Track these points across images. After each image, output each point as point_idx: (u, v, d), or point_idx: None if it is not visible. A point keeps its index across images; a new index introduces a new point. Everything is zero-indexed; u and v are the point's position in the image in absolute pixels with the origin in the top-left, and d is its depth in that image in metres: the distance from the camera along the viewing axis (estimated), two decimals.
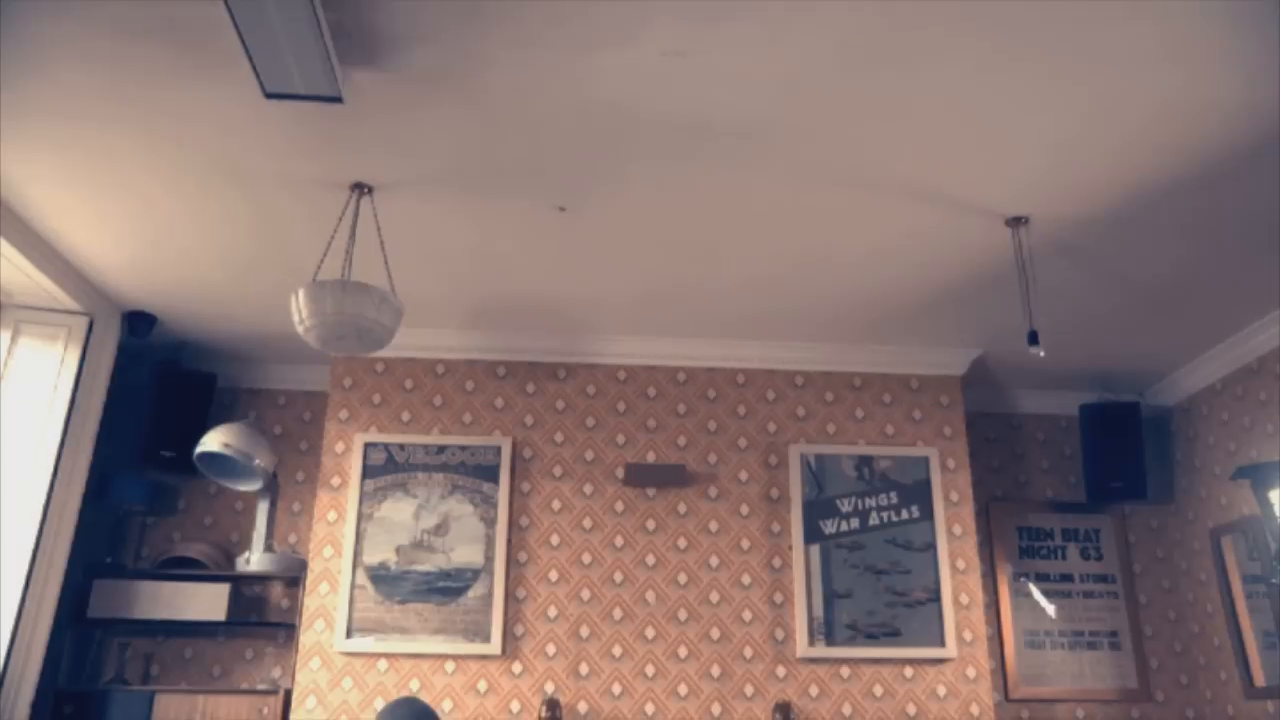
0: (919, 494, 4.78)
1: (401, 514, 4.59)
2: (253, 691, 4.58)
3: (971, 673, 4.55)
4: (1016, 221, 3.74)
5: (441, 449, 4.70)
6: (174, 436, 4.77)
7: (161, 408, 4.83)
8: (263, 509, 4.89)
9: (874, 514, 4.73)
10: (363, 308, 3.39)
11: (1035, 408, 5.51)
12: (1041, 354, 3.71)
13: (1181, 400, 5.32)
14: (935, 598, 4.61)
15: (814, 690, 4.47)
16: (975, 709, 4.49)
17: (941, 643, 4.56)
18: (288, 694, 4.50)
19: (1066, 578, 5.26)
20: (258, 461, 4.63)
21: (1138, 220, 3.74)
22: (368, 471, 4.64)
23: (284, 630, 4.81)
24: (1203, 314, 4.57)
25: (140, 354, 4.81)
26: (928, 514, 4.75)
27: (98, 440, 4.44)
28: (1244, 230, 3.81)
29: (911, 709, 4.47)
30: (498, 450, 4.70)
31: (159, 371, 4.89)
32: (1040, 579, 5.24)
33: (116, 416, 4.64)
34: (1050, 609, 5.18)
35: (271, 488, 4.91)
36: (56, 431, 4.22)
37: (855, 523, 4.71)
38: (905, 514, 4.75)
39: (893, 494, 4.77)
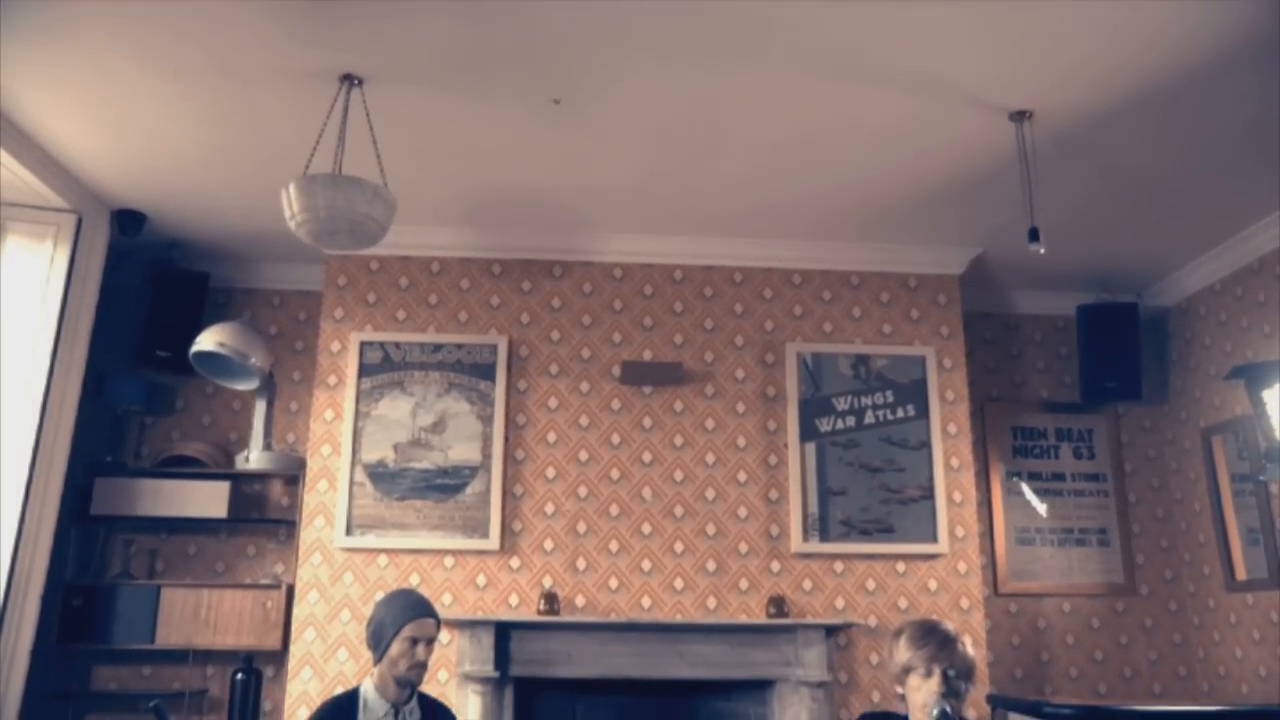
0: (915, 393, 4.80)
1: (398, 412, 4.60)
2: (256, 586, 4.66)
3: (962, 568, 4.64)
4: (1020, 116, 3.68)
5: (438, 347, 4.69)
6: (169, 336, 4.75)
7: (155, 307, 4.80)
8: (260, 408, 4.91)
9: (870, 412, 4.76)
10: (355, 202, 3.33)
11: (1033, 308, 5.50)
12: (1041, 251, 3.68)
13: (1180, 301, 5.31)
14: (929, 495, 4.67)
15: (808, 584, 4.56)
16: (965, 602, 4.59)
17: (934, 539, 4.63)
18: (290, 589, 4.59)
19: (1058, 477, 5.32)
20: (254, 360, 4.62)
21: (1142, 117, 3.68)
22: (364, 370, 4.64)
23: (285, 527, 4.87)
24: (1205, 213, 4.53)
25: (131, 253, 4.76)
26: (923, 413, 4.77)
27: (92, 340, 4.42)
28: (1249, 129, 3.75)
29: (903, 603, 4.57)
30: (494, 349, 4.69)
31: (151, 271, 4.85)
32: (1032, 478, 5.30)
33: (110, 316, 4.62)
34: (1041, 508, 5.26)
35: (268, 387, 4.92)
36: (50, 330, 4.20)
37: (851, 421, 4.74)
38: (901, 413, 4.77)
39: (889, 393, 4.79)
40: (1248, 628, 4.73)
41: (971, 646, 2.65)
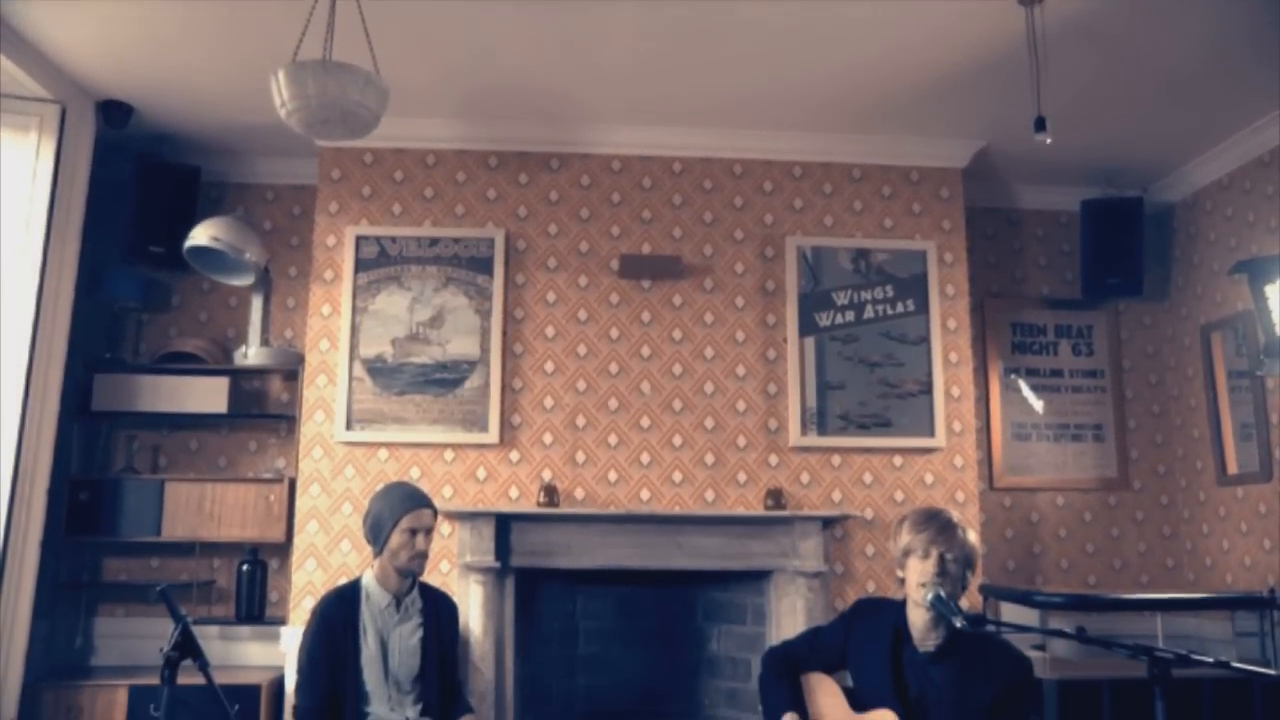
0: (915, 287, 4.76)
1: (396, 307, 4.58)
2: (258, 480, 4.71)
3: (959, 462, 4.68)
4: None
5: (434, 241, 4.64)
6: (161, 232, 4.70)
7: (146, 202, 4.72)
8: (257, 304, 4.88)
9: (869, 307, 4.73)
10: (346, 89, 3.24)
11: (1036, 203, 5.43)
12: (1048, 141, 3.61)
13: (1186, 196, 5.24)
14: (927, 390, 4.68)
15: (805, 478, 4.60)
16: (960, 496, 4.65)
17: (931, 433, 4.65)
18: (292, 482, 4.64)
19: (1056, 373, 5.34)
20: (248, 255, 4.58)
21: (1155, 2, 3.56)
22: (360, 265, 4.60)
23: (285, 422, 4.90)
24: (1216, 104, 4.43)
25: (120, 147, 4.67)
26: (923, 307, 4.75)
27: (85, 235, 4.37)
28: (1262, 17, 3.63)
29: (899, 496, 4.62)
30: (491, 242, 4.64)
31: (140, 165, 4.76)
32: (1031, 374, 5.31)
33: (102, 211, 4.56)
34: (1038, 405, 5.28)
35: (264, 282, 4.89)
36: (40, 224, 4.14)
37: (850, 315, 4.72)
38: (900, 307, 4.75)
39: (889, 287, 4.76)
40: (1236, 520, 4.80)
41: (974, 537, 2.69)
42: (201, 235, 4.52)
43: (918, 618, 2.67)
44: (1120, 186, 5.20)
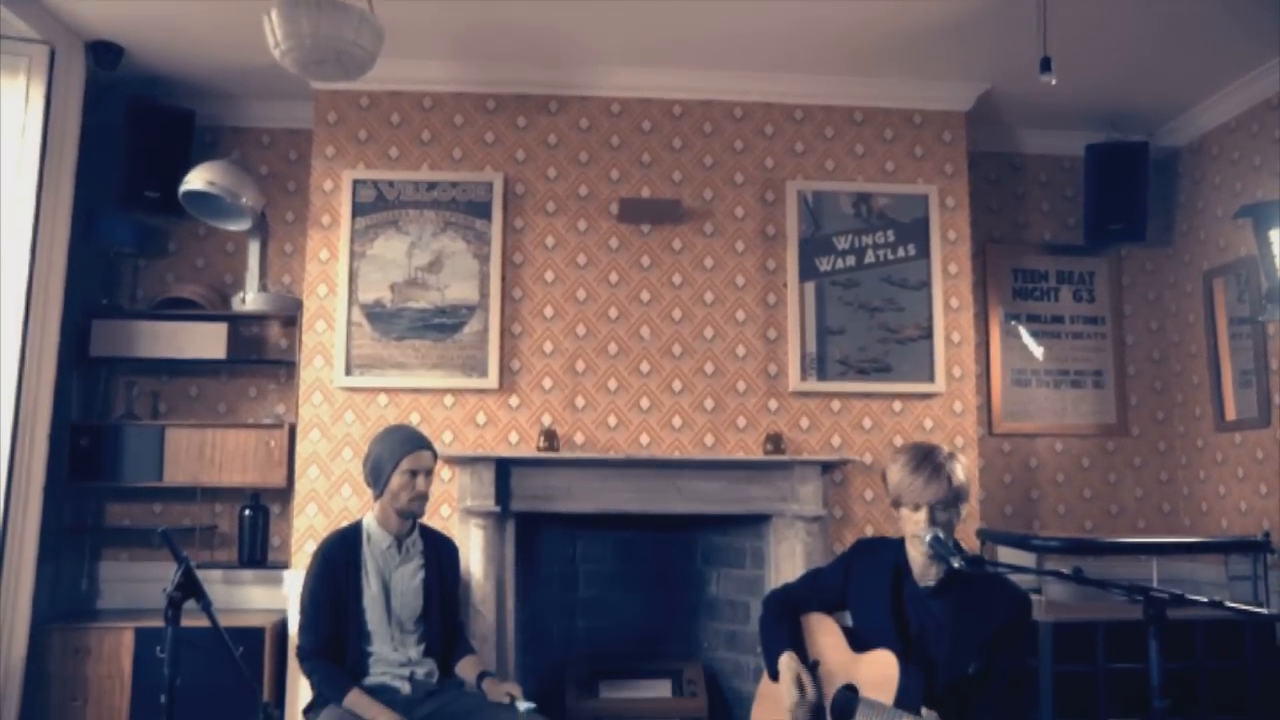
0: (916, 232, 4.73)
1: (394, 252, 4.54)
2: (259, 426, 4.72)
3: (958, 407, 4.68)
4: None
5: (432, 185, 4.60)
6: (156, 177, 4.65)
7: (139, 146, 4.66)
8: (254, 249, 4.85)
9: (870, 252, 4.70)
10: (341, 28, 3.21)
11: (1040, 148, 5.37)
12: (1053, 82, 3.57)
13: (1192, 140, 5.18)
14: (927, 335, 4.67)
15: (805, 423, 4.61)
16: (959, 441, 4.65)
17: (931, 379, 4.65)
18: (292, 428, 4.65)
19: (1057, 319, 5.32)
20: (245, 200, 4.54)
21: None
22: (358, 209, 4.56)
23: (284, 368, 4.89)
24: (1224, 47, 4.36)
25: (111, 89, 4.60)
26: (924, 252, 4.72)
27: (78, 180, 4.31)
28: None
29: (899, 440, 4.62)
30: (489, 186, 4.60)
31: (132, 108, 4.69)
32: (1031, 319, 5.30)
33: (95, 156, 4.50)
34: (1039, 351, 5.27)
35: (261, 228, 4.86)
36: (33, 167, 4.09)
37: (851, 260, 4.69)
38: (901, 252, 4.72)
39: (890, 232, 4.72)
40: (1233, 466, 4.82)
41: (963, 470, 2.69)
42: (197, 180, 4.47)
43: (917, 553, 2.69)
44: (1125, 131, 5.14)
